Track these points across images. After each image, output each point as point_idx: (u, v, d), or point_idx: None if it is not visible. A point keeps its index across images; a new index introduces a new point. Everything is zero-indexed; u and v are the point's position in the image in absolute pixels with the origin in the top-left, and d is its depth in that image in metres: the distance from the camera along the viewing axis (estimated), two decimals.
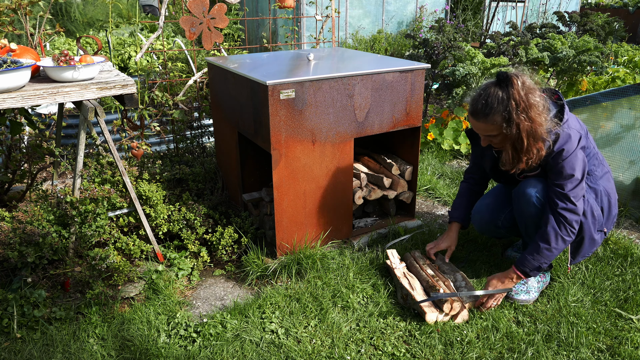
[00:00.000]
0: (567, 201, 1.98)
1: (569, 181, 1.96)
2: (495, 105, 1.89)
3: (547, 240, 2.02)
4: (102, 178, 2.48)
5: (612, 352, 1.90)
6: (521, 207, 2.12)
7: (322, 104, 2.29)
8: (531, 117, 1.87)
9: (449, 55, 4.57)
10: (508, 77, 1.89)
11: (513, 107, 1.87)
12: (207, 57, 3.07)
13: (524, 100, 1.87)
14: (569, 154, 1.94)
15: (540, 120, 1.89)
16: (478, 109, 1.94)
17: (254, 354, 1.91)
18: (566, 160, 1.94)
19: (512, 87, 1.87)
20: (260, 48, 6.03)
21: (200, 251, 2.50)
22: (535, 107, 1.88)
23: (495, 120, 1.91)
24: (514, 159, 2.00)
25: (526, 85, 1.89)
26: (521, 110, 1.87)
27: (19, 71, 1.86)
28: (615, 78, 4.60)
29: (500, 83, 1.90)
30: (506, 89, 1.88)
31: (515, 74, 1.91)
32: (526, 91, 1.88)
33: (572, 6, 9.44)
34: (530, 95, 1.88)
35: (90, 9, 6.91)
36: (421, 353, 1.91)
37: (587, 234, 2.11)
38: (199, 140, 3.38)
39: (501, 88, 1.90)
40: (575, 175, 1.95)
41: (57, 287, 2.23)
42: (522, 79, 1.89)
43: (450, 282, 2.20)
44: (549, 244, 2.01)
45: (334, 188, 2.50)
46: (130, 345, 1.94)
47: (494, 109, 1.90)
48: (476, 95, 1.96)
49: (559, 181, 1.97)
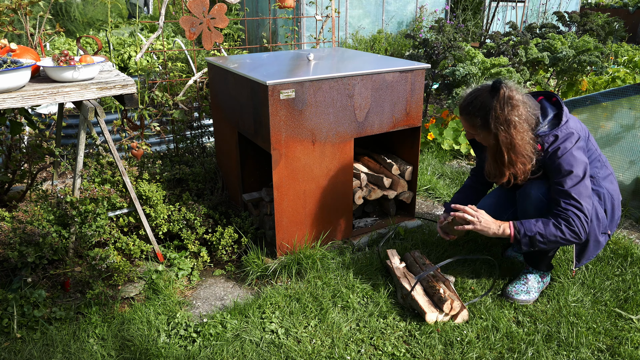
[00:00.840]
0: (569, 198, 1.93)
1: (568, 178, 1.94)
2: (477, 108, 1.96)
3: (547, 226, 1.95)
4: (102, 178, 2.48)
5: (612, 352, 1.90)
6: (525, 208, 2.11)
7: (322, 104, 2.29)
8: (510, 133, 1.90)
9: (449, 55, 4.57)
10: (497, 88, 1.92)
11: (492, 118, 1.91)
12: (207, 57, 3.07)
13: (504, 115, 1.90)
14: (565, 152, 1.94)
15: (518, 137, 1.91)
16: (462, 105, 2.03)
17: (254, 354, 1.91)
18: (562, 158, 1.94)
19: (496, 100, 1.91)
20: (260, 48, 6.03)
21: (200, 251, 2.50)
22: (514, 124, 1.90)
23: (473, 122, 1.99)
24: (496, 171, 2.03)
25: (512, 102, 1.90)
26: (500, 123, 1.90)
27: (19, 71, 1.86)
28: (615, 78, 4.60)
29: (491, 90, 1.94)
30: (492, 99, 1.92)
31: (507, 85, 1.92)
32: (511, 107, 1.90)
33: (572, 6, 9.45)
34: (513, 111, 1.90)
35: (90, 9, 6.91)
36: (421, 353, 1.91)
37: (592, 236, 2.09)
38: (199, 140, 3.38)
39: (490, 95, 1.94)
40: (574, 171, 1.93)
41: (57, 287, 2.23)
42: (509, 93, 1.91)
43: (450, 282, 2.20)
44: (549, 231, 1.94)
45: (334, 188, 2.50)
46: (130, 345, 1.94)
47: (475, 112, 1.97)
48: (470, 91, 2.03)
49: (558, 179, 1.97)
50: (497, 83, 1.93)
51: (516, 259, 2.49)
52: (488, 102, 1.93)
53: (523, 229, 1.96)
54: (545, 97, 2.11)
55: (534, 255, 2.19)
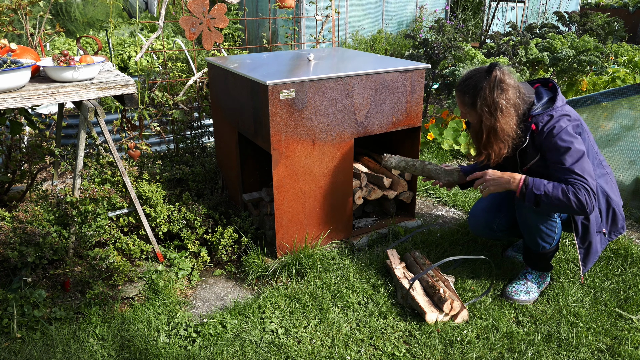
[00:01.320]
0: (572, 174, 1.86)
1: (568, 155, 1.88)
2: (470, 87, 1.99)
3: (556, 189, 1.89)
4: (102, 178, 2.48)
5: (612, 352, 1.90)
6: (523, 214, 2.09)
7: (322, 104, 2.29)
8: (495, 115, 1.93)
9: (449, 55, 4.57)
10: (490, 70, 1.95)
11: (481, 98, 1.94)
12: (207, 57, 3.07)
13: (492, 97, 1.92)
14: (561, 130, 1.92)
15: (503, 121, 1.94)
16: (460, 82, 2.06)
17: (254, 354, 1.91)
18: (558, 136, 1.91)
19: (488, 81, 1.94)
20: (260, 48, 6.03)
21: (200, 251, 2.50)
22: (500, 107, 1.93)
23: (464, 100, 2.02)
24: (475, 150, 2.10)
25: (503, 85, 1.93)
26: (486, 105, 1.94)
27: (19, 71, 1.86)
28: (615, 78, 4.60)
29: (486, 72, 1.97)
30: (484, 80, 1.95)
31: (500, 69, 1.94)
32: (501, 90, 1.92)
33: (572, 6, 9.44)
34: (502, 95, 1.92)
35: (90, 9, 6.91)
36: (421, 353, 1.91)
37: (592, 237, 2.09)
38: (199, 140, 3.38)
39: (484, 76, 1.97)
40: (572, 147, 1.87)
41: (57, 287, 2.23)
42: (501, 77, 1.93)
43: (450, 282, 2.20)
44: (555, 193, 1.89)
45: (334, 188, 2.50)
46: (130, 345, 1.94)
47: (467, 89, 2.00)
48: (470, 70, 2.05)
49: (557, 157, 1.91)
50: (492, 65, 1.96)
51: (516, 259, 2.49)
52: (480, 82, 1.96)
53: (532, 184, 1.91)
54: (541, 84, 2.12)
55: (533, 255, 2.19)
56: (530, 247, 2.17)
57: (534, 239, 2.12)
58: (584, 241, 2.09)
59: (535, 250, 2.15)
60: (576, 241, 2.09)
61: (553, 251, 2.15)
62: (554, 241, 2.11)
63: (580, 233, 2.07)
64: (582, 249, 2.10)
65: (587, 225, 2.06)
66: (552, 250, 2.14)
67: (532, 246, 2.16)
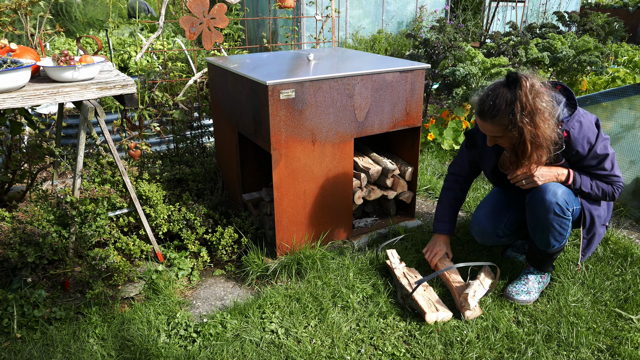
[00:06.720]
0: (612, 177, 2.04)
1: (607, 161, 2.01)
2: (502, 107, 1.86)
3: (600, 188, 2.08)
4: (102, 178, 2.48)
5: (612, 352, 1.90)
6: (537, 214, 2.06)
7: (322, 104, 2.29)
8: (536, 122, 1.85)
9: (449, 55, 4.57)
10: (517, 79, 1.85)
11: (518, 110, 1.84)
12: (207, 57, 3.07)
13: (530, 104, 1.83)
14: (595, 138, 1.97)
15: (545, 126, 1.86)
16: (485, 110, 1.91)
17: (254, 354, 1.91)
18: (596, 144, 1.98)
19: (520, 90, 1.84)
20: (260, 48, 6.03)
21: (200, 251, 2.50)
22: (541, 112, 1.85)
23: (502, 122, 1.89)
24: (513, 164, 2.00)
25: (535, 89, 1.85)
26: (526, 114, 1.84)
27: (19, 71, 1.86)
28: (615, 78, 4.60)
29: (509, 84, 1.87)
30: (514, 91, 1.85)
31: (525, 75, 1.87)
32: (534, 95, 1.84)
33: (572, 6, 9.44)
34: (537, 99, 1.85)
35: (90, 9, 6.91)
36: (421, 353, 1.91)
37: (597, 229, 2.15)
38: (199, 140, 3.38)
39: (509, 89, 1.86)
40: (608, 152, 2.01)
41: (57, 287, 2.23)
42: (531, 82, 1.85)
43: (450, 282, 2.20)
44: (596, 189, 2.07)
45: (334, 188, 2.50)
46: (130, 345, 1.94)
47: (501, 111, 1.87)
48: (484, 95, 1.93)
49: (597, 164, 2.02)
50: (512, 74, 1.86)
51: (516, 259, 2.49)
52: (510, 95, 1.86)
53: (580, 183, 2.05)
54: (552, 85, 2.09)
55: (540, 255, 2.17)
56: (538, 247, 2.15)
57: (546, 238, 2.08)
58: (589, 232, 2.14)
59: (544, 249, 2.13)
60: (582, 232, 2.13)
61: (559, 251, 2.15)
62: (564, 239, 2.09)
63: (587, 225, 2.12)
64: (585, 240, 2.16)
65: (595, 219, 2.11)
66: (559, 249, 2.14)
67: (541, 246, 2.13)
